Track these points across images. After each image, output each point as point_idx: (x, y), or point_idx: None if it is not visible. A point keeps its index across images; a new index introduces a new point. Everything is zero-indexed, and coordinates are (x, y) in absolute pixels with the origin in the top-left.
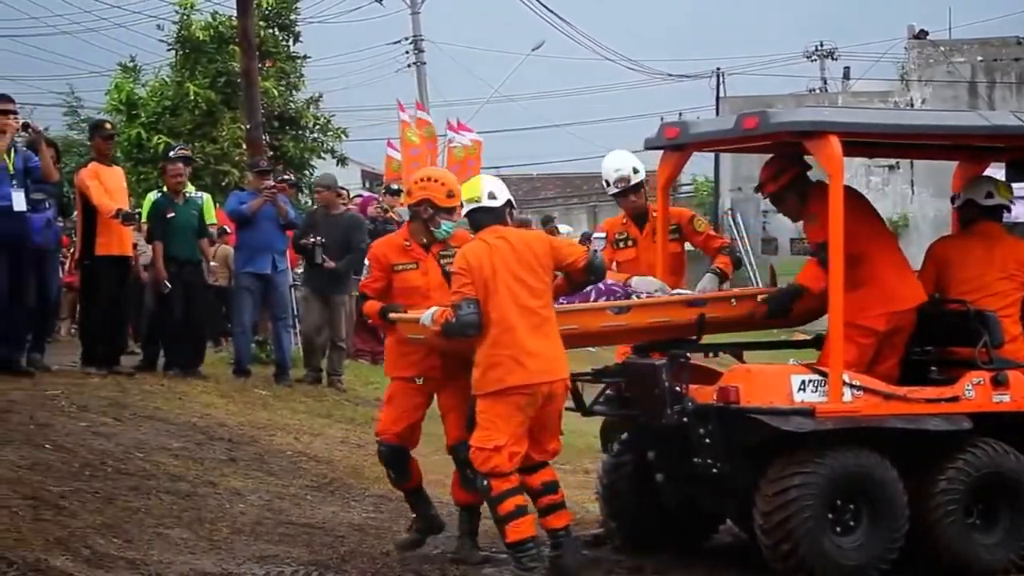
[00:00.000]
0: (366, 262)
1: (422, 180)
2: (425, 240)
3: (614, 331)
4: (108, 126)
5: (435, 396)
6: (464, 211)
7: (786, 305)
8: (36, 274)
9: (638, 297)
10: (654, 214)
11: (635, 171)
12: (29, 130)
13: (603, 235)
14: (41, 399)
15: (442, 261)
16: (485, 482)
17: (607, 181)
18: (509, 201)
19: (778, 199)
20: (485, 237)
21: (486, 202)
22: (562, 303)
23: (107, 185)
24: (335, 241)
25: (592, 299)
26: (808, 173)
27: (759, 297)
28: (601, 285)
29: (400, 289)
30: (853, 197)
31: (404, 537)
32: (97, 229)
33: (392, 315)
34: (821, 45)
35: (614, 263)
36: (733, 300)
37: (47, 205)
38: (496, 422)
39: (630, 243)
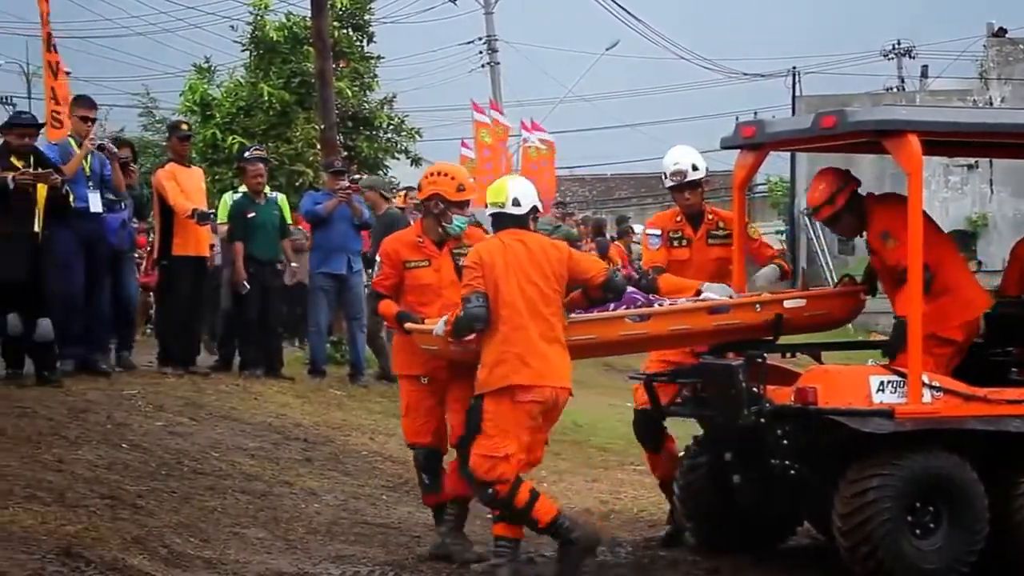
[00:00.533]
0: (378, 258)
1: (432, 175)
2: (437, 236)
3: (634, 340)
4: (185, 127)
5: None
6: (488, 212)
7: (901, 343)
8: (112, 274)
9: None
10: (710, 216)
11: (694, 168)
12: (104, 152)
13: (656, 232)
14: (118, 399)
15: (457, 259)
16: (490, 490)
17: (664, 174)
18: (534, 207)
19: (834, 220)
20: (502, 236)
21: (510, 208)
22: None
23: (184, 186)
24: (379, 239)
25: (612, 308)
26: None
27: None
28: None
29: (412, 286)
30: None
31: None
32: (174, 230)
33: (408, 325)
34: (898, 43)
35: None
36: (757, 306)
37: (123, 206)
38: (506, 429)
39: (684, 243)
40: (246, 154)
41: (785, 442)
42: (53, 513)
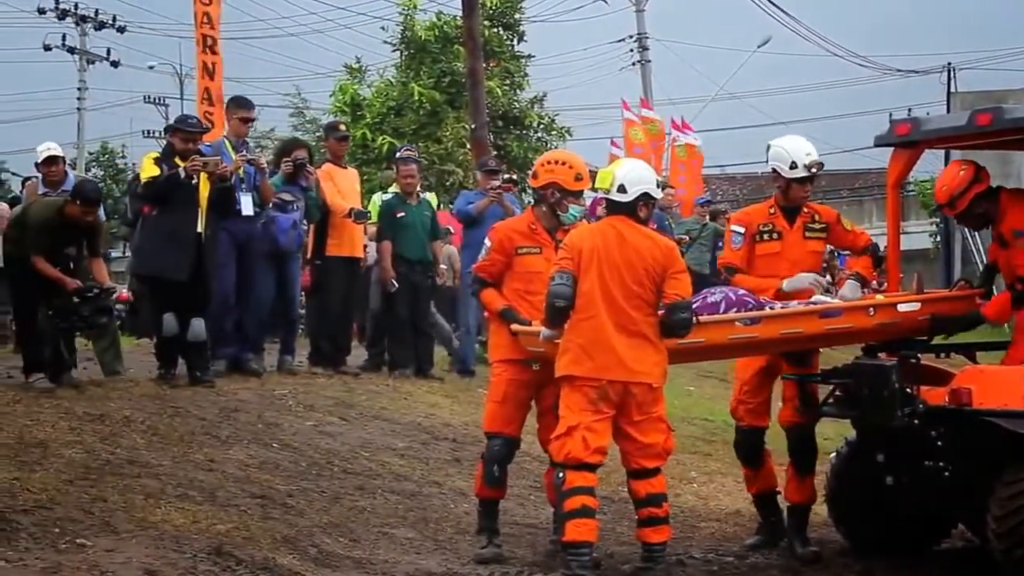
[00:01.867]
0: (486, 242)
1: (549, 163)
2: (550, 224)
3: (744, 343)
4: (342, 127)
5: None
6: (596, 195)
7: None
8: (278, 275)
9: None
10: (806, 209)
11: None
12: (254, 164)
13: (740, 229)
14: (269, 399)
15: None
16: (561, 474)
17: (794, 163)
18: (645, 195)
19: (967, 215)
20: (601, 223)
21: (615, 194)
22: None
23: (340, 186)
24: None
25: (722, 311)
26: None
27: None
28: (732, 295)
29: (520, 273)
30: None
31: (484, 551)
32: (328, 230)
33: (514, 327)
34: None
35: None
36: (871, 310)
37: (295, 208)
38: (570, 407)
39: (775, 236)
40: (398, 154)
41: (939, 443)
42: (204, 512)
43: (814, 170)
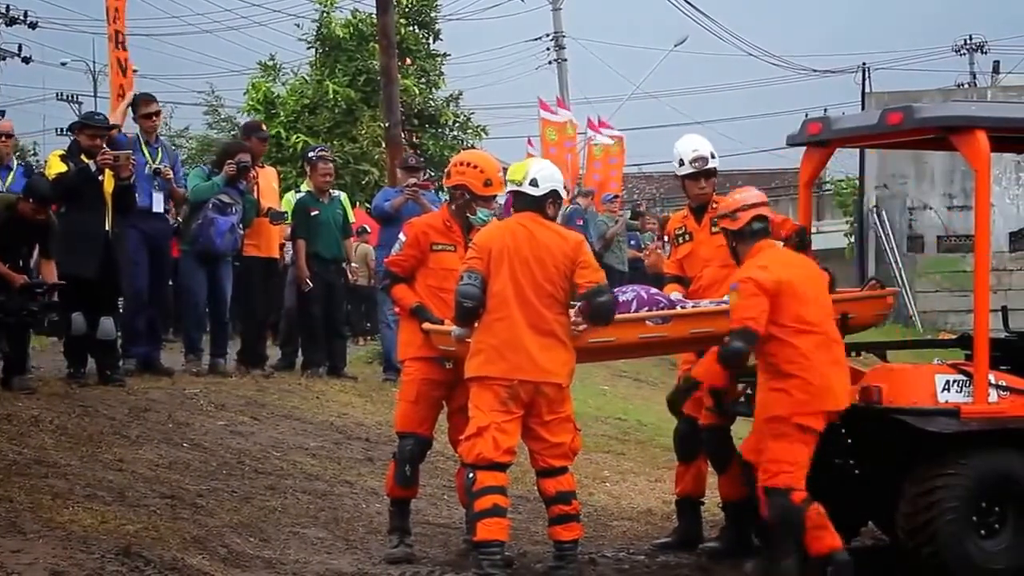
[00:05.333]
0: (400, 236)
1: (461, 164)
2: (462, 223)
3: (654, 342)
4: (264, 128)
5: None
6: (507, 189)
7: None
8: (210, 277)
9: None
10: (714, 205)
11: (712, 156)
12: (159, 177)
13: (666, 236)
14: (180, 398)
15: None
16: (472, 475)
17: (681, 160)
18: (553, 192)
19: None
20: (509, 220)
21: (526, 187)
22: None
23: (259, 186)
24: None
25: (633, 310)
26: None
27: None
28: (644, 294)
29: (434, 269)
30: None
31: (395, 550)
32: (246, 231)
33: (426, 326)
34: (970, 39)
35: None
36: None
37: (234, 210)
38: (480, 407)
39: (687, 238)
40: (311, 154)
41: (849, 441)
42: (113, 512)
43: (696, 165)
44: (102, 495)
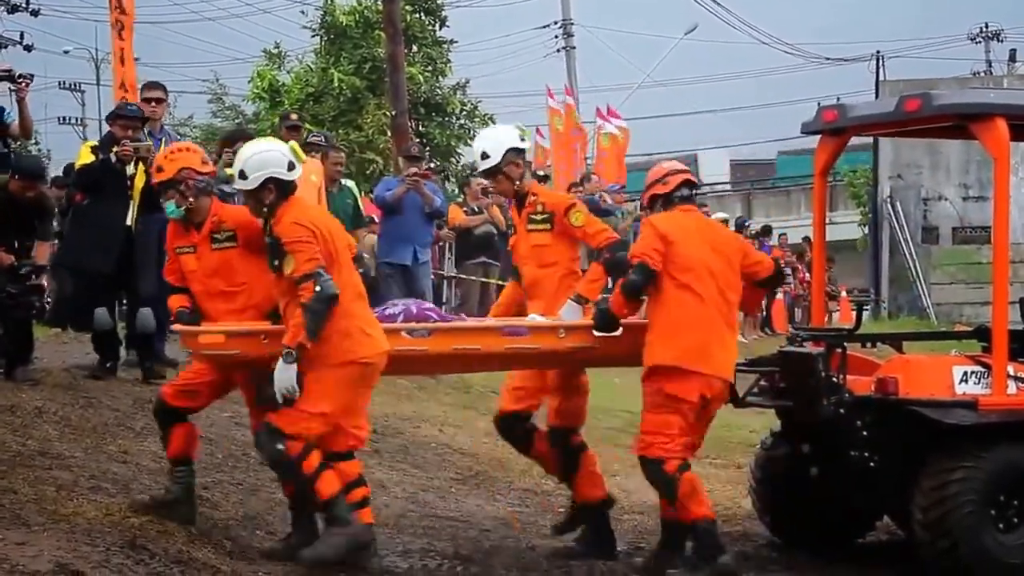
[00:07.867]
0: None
1: (173, 153)
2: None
3: (410, 357)
4: (293, 117)
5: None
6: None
7: None
8: None
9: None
10: (532, 198)
11: (484, 156)
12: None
13: None
14: None
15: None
16: (280, 446)
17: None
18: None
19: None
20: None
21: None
22: None
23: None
24: None
25: (399, 320)
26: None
27: None
28: (413, 308)
29: (184, 274)
30: None
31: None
32: None
33: (177, 327)
34: (986, 26)
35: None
36: (562, 331)
37: (235, 201)
38: (330, 393)
39: (513, 230)
40: (311, 138)
41: (865, 433)
42: (118, 505)
43: (477, 162)
44: (107, 487)
